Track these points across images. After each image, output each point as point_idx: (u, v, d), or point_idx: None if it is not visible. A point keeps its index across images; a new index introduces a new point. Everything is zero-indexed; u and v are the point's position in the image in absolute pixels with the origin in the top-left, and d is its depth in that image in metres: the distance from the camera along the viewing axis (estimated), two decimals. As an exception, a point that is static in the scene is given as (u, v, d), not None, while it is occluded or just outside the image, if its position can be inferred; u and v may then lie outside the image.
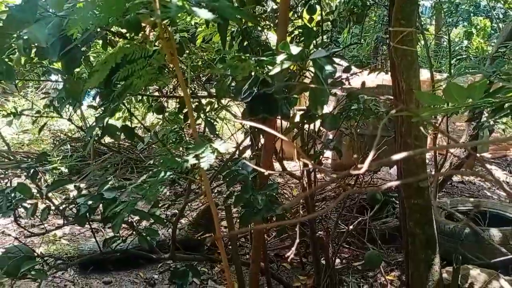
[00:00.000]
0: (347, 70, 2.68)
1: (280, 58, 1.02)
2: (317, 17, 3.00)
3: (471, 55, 9.74)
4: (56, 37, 1.16)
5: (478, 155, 6.05)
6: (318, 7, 2.88)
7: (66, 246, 3.25)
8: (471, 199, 3.59)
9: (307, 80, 1.81)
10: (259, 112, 1.25)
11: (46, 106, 2.59)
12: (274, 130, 1.47)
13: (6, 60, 1.21)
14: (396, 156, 0.62)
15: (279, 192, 4.37)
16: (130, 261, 3.10)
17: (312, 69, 1.22)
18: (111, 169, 5.03)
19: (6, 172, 1.92)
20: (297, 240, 1.11)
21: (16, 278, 1.41)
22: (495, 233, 2.78)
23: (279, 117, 1.44)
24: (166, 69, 1.46)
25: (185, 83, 0.85)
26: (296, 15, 3.03)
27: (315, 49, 2.89)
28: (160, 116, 2.90)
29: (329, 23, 3.09)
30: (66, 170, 4.47)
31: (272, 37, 3.52)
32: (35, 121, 2.20)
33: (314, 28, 2.94)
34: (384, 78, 3.63)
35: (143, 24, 1.26)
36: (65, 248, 3.19)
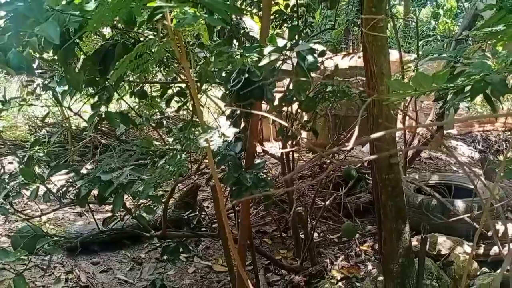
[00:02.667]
0: (322, 54, 2.82)
1: (267, 50, 1.13)
2: (291, 2, 3.11)
3: (438, 35, 10.03)
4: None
5: (445, 132, 6.35)
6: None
7: (51, 230, 3.31)
8: (438, 174, 3.82)
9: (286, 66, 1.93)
10: (246, 97, 1.37)
11: (29, 93, 2.63)
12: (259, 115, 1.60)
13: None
14: (374, 135, 0.75)
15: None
16: (116, 242, 3.20)
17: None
18: (89, 154, 5.06)
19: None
20: (295, 205, 1.23)
21: (31, 255, 1.51)
22: (460, 204, 3.01)
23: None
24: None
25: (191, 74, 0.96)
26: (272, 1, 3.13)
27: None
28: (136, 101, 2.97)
29: (303, 8, 3.20)
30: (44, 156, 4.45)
31: (247, 21, 3.59)
32: (20, 109, 2.25)
33: (289, 13, 3.06)
34: (356, 60, 3.78)
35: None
36: (51, 232, 3.25)
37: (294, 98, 2.35)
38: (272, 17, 3.00)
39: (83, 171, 5.03)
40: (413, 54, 7.55)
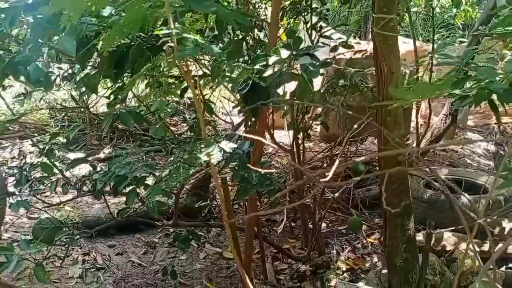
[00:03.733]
0: (334, 49, 2.85)
1: (272, 60, 1.19)
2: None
3: (459, 23, 9.82)
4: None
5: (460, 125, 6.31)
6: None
7: (70, 212, 3.46)
8: (449, 168, 3.84)
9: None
10: (254, 101, 1.44)
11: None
12: (267, 114, 1.67)
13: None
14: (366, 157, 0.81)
15: (271, 160, 4.60)
16: (131, 227, 3.34)
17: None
18: (107, 138, 5.20)
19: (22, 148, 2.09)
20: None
21: (50, 245, 1.63)
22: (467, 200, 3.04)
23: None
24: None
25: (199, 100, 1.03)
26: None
27: (305, 27, 3.03)
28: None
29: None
30: (64, 140, 4.60)
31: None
32: (42, 98, 2.35)
33: (304, 6, 3.06)
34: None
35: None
36: (70, 215, 3.41)
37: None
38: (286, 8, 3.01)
39: (101, 155, 5.15)
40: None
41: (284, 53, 1.20)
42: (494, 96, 1.60)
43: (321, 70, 2.84)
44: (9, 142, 4.88)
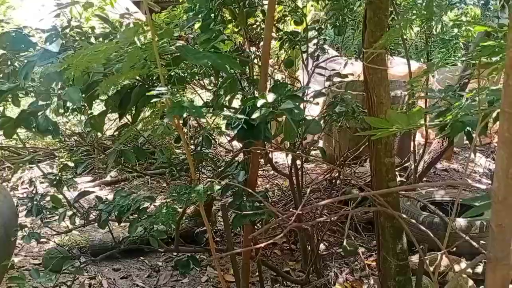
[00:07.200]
0: (328, 79, 2.99)
1: (259, 103, 1.32)
2: (304, 23, 3.27)
3: (461, 43, 9.96)
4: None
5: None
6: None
7: (77, 237, 3.58)
8: (445, 190, 3.92)
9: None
10: (246, 137, 1.56)
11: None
12: (261, 147, 1.79)
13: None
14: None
15: (272, 183, 4.71)
16: (136, 249, 3.44)
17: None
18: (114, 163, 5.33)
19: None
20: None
21: (58, 273, 1.75)
22: (462, 222, 3.12)
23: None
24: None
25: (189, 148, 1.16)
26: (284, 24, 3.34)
27: (304, 53, 3.15)
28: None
29: (314, 31, 3.35)
30: (72, 164, 4.74)
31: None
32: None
33: (300, 36, 3.21)
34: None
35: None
36: (77, 239, 3.53)
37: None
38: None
39: (108, 178, 5.28)
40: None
41: (270, 97, 1.33)
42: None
43: (317, 100, 2.98)
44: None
